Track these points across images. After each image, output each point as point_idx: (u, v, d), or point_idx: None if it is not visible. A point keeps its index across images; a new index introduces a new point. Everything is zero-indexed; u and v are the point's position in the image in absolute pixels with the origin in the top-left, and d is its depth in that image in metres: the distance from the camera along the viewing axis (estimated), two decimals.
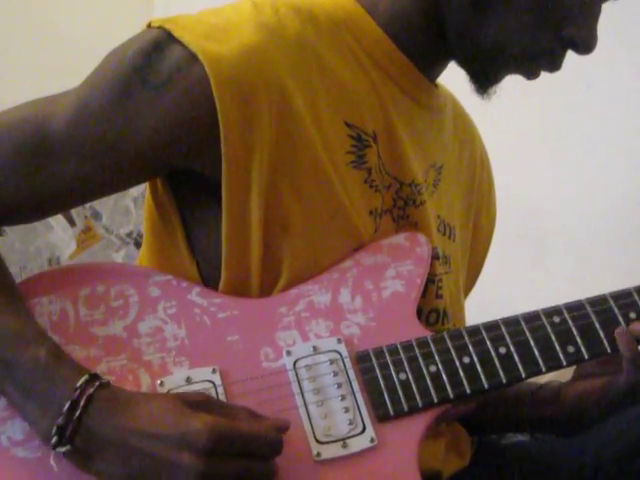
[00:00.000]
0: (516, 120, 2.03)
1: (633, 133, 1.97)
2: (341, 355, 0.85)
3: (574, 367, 0.96)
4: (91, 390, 0.74)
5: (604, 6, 0.93)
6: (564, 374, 0.99)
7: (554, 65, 0.94)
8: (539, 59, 0.93)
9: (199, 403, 0.75)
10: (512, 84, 0.97)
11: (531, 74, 0.95)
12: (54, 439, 0.73)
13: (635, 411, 0.92)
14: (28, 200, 0.88)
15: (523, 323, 0.87)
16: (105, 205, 2.44)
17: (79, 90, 0.88)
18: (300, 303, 0.88)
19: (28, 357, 0.77)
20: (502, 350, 0.86)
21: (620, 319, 0.87)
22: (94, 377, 0.76)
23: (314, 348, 0.86)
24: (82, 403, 0.73)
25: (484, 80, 0.95)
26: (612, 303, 0.88)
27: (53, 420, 0.73)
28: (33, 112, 0.87)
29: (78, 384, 0.74)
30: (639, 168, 1.96)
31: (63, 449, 0.73)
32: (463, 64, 0.96)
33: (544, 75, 0.96)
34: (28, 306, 0.85)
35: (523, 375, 0.85)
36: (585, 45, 0.91)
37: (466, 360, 0.86)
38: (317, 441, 0.81)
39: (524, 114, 2.04)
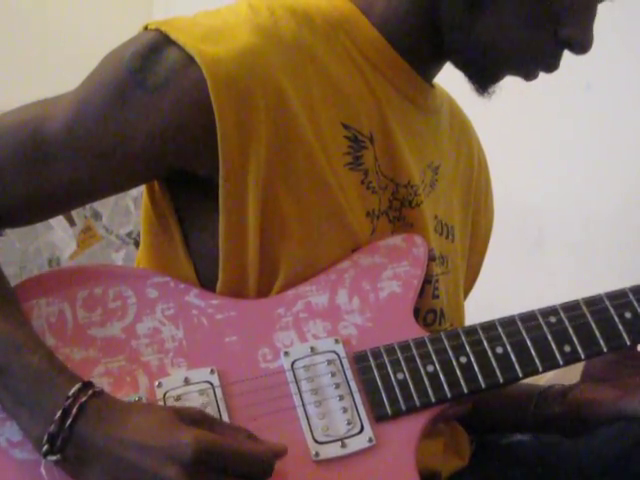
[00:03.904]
0: (516, 120, 2.03)
1: (633, 133, 1.97)
2: (339, 355, 0.86)
3: (572, 367, 0.96)
4: (83, 399, 0.74)
5: (604, 6, 0.93)
6: (563, 375, 0.99)
7: (551, 65, 0.94)
8: (535, 59, 0.93)
9: (194, 418, 0.74)
10: (512, 84, 0.97)
11: (528, 74, 0.95)
12: (45, 447, 0.73)
13: None
14: (27, 203, 0.88)
15: (519, 323, 0.87)
16: (105, 205, 2.44)
17: (76, 93, 0.88)
18: (298, 304, 0.88)
19: (21, 364, 0.77)
20: (499, 350, 0.86)
21: (615, 319, 0.87)
22: (87, 385, 0.75)
23: (312, 349, 0.86)
24: (74, 412, 0.73)
25: (482, 80, 0.95)
26: (607, 303, 0.88)
27: (45, 428, 0.73)
28: (31, 115, 0.88)
29: (70, 392, 0.74)
30: (638, 168, 1.96)
31: (54, 458, 0.73)
32: (459, 64, 0.96)
33: (544, 75, 0.95)
34: (25, 308, 0.85)
35: (520, 375, 0.86)
36: (581, 45, 0.91)
37: (463, 360, 0.86)
38: (315, 441, 0.81)
39: (524, 114, 2.04)
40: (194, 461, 0.69)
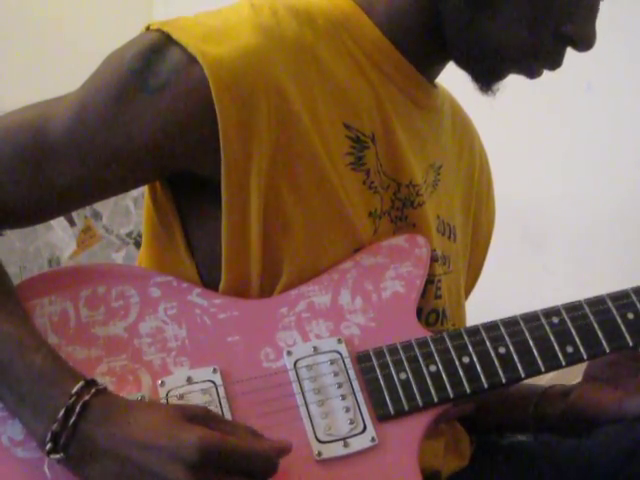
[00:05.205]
0: (516, 120, 2.03)
1: (633, 133, 1.98)
2: (341, 355, 0.86)
3: (574, 367, 0.96)
4: (87, 397, 0.74)
5: (605, 6, 0.93)
6: (564, 375, 0.99)
7: (554, 62, 0.93)
8: (539, 56, 0.92)
9: (198, 416, 0.74)
10: (512, 84, 0.97)
11: (532, 72, 0.94)
12: (49, 445, 0.73)
13: None
14: (27, 203, 0.88)
15: (522, 323, 0.87)
16: (105, 205, 2.44)
17: (78, 93, 0.88)
18: (300, 304, 0.88)
19: (23, 362, 0.76)
20: (501, 350, 0.86)
21: (618, 320, 0.88)
22: (90, 383, 0.75)
23: (314, 348, 0.86)
24: (77, 410, 0.73)
25: (486, 78, 0.95)
26: (610, 304, 0.88)
27: (48, 426, 0.73)
28: (32, 116, 0.87)
29: (74, 391, 0.74)
30: (638, 168, 1.96)
31: (57, 456, 0.73)
32: (462, 64, 0.95)
33: (544, 75, 0.95)
34: (28, 307, 0.85)
35: (522, 375, 0.86)
36: (584, 42, 0.91)
37: (466, 360, 0.86)
38: (318, 440, 0.81)
39: (524, 114, 2.04)
40: (199, 461, 0.69)
